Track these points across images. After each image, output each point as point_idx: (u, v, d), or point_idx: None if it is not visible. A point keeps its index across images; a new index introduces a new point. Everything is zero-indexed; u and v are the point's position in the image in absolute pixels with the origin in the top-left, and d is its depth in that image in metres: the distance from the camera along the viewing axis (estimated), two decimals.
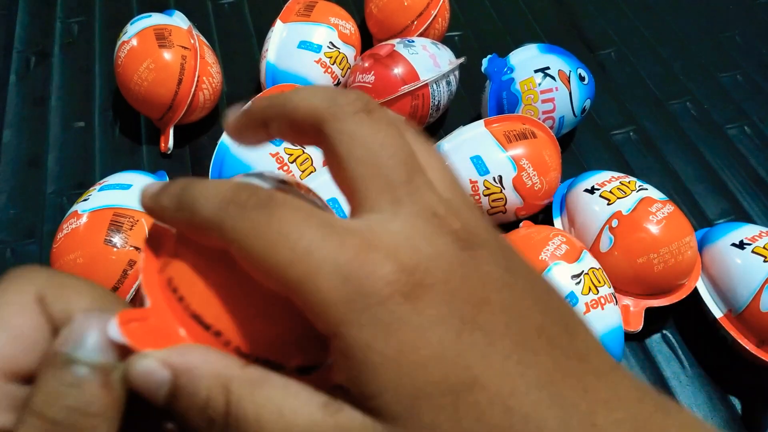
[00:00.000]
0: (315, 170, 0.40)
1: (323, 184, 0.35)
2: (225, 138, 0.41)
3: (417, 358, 0.13)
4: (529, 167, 0.39)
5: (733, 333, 0.36)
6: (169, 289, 0.15)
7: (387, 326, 0.13)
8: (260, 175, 0.17)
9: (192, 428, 0.14)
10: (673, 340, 0.39)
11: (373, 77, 0.43)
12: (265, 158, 0.39)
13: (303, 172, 0.39)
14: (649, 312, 0.37)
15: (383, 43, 0.46)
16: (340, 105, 0.15)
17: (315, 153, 0.40)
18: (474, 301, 0.13)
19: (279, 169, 0.39)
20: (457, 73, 0.47)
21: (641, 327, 0.36)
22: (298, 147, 0.39)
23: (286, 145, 0.39)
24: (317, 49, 0.45)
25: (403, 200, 0.14)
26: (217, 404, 0.13)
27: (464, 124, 0.43)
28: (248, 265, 0.14)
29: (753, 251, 0.36)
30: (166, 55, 0.42)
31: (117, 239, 0.33)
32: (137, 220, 0.34)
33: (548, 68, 0.44)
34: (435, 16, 0.49)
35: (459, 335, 0.13)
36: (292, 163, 0.39)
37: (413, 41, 0.45)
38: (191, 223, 0.15)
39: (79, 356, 0.13)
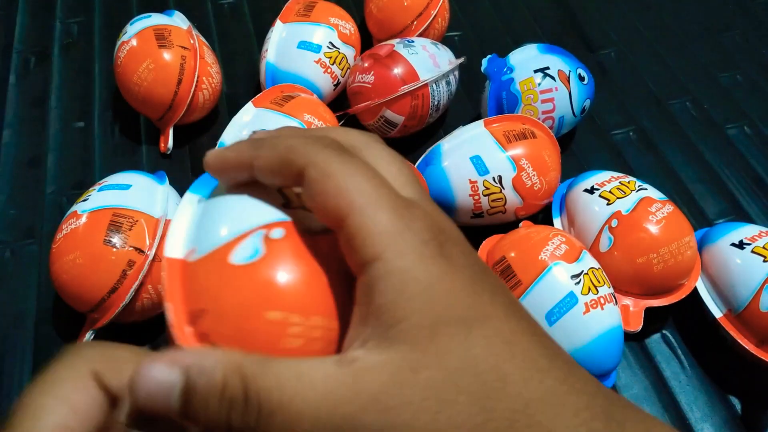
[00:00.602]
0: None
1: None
2: (225, 138, 0.41)
3: (446, 288, 0.15)
4: (528, 167, 0.39)
5: (733, 333, 0.36)
6: (208, 343, 0.17)
7: (428, 258, 0.15)
8: None
9: (215, 427, 0.15)
10: (673, 340, 0.39)
11: (373, 77, 0.43)
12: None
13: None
14: (649, 312, 0.37)
15: (383, 43, 0.46)
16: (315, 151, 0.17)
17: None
18: (483, 265, 0.17)
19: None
20: (456, 73, 0.47)
21: (641, 327, 0.36)
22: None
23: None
24: (317, 49, 0.45)
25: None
26: (235, 385, 0.14)
27: (464, 124, 0.43)
28: (319, 186, 0.16)
29: (753, 251, 0.36)
30: (166, 55, 0.42)
31: (116, 239, 0.33)
32: (136, 221, 0.34)
33: (548, 68, 0.44)
34: (435, 16, 0.49)
35: (476, 281, 0.16)
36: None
37: (413, 41, 0.45)
38: (273, 155, 0.17)
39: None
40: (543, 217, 0.44)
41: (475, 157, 0.39)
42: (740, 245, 0.37)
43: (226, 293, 0.17)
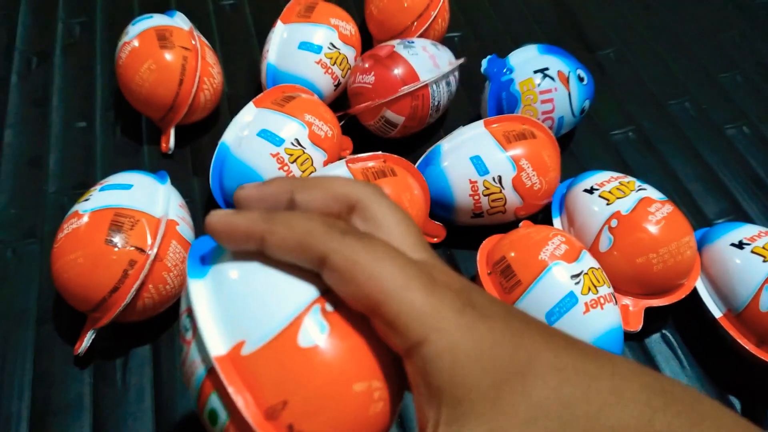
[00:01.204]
0: (315, 170, 0.40)
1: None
2: (226, 138, 0.41)
3: (491, 345, 0.16)
4: (528, 167, 0.39)
5: (733, 333, 0.36)
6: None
7: (468, 326, 0.16)
8: None
9: None
10: (673, 340, 0.39)
11: (373, 78, 0.43)
12: (266, 159, 0.39)
13: (303, 172, 0.39)
14: (649, 312, 0.37)
15: (383, 44, 0.46)
16: (328, 233, 0.18)
17: (315, 153, 0.40)
18: (498, 299, 0.18)
19: (279, 169, 0.39)
20: (456, 73, 0.47)
21: (641, 327, 0.36)
22: (299, 147, 0.39)
23: (286, 145, 0.39)
24: (318, 50, 0.45)
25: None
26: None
27: (464, 124, 0.43)
28: (347, 275, 0.17)
29: (752, 251, 0.36)
30: (168, 55, 0.43)
31: (118, 239, 0.33)
32: (138, 221, 0.34)
33: (547, 69, 0.44)
34: (435, 16, 0.49)
35: (510, 322, 0.17)
36: (292, 163, 0.39)
37: (413, 42, 0.45)
38: (290, 236, 0.18)
39: None
40: (543, 217, 0.44)
41: (475, 158, 0.39)
42: (740, 245, 0.37)
43: (308, 379, 0.17)
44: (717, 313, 0.37)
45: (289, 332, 0.17)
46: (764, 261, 0.35)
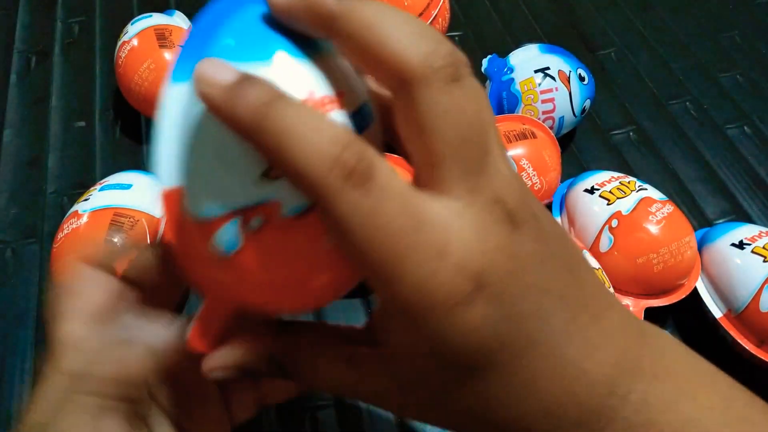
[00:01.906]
0: None
1: None
2: None
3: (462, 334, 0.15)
4: (528, 167, 0.39)
5: (733, 333, 0.36)
6: None
7: (449, 329, 0.15)
8: None
9: None
10: None
11: None
12: None
13: None
14: (649, 312, 0.37)
15: None
16: (434, 68, 0.14)
17: None
18: (515, 292, 0.15)
19: None
20: None
21: None
22: None
23: None
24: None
25: (476, 190, 0.15)
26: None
27: None
28: (338, 236, 0.15)
29: (753, 251, 0.36)
30: (167, 55, 0.42)
31: (118, 239, 0.33)
32: (138, 220, 0.34)
33: (548, 68, 0.44)
34: (435, 16, 0.49)
35: (499, 323, 0.15)
36: None
37: None
38: (274, 154, 0.14)
39: None
40: None
41: None
42: (740, 245, 0.37)
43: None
44: (717, 313, 0.37)
45: (207, 228, 0.16)
46: (765, 261, 0.35)
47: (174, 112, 0.17)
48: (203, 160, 0.16)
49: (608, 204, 0.38)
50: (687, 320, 0.40)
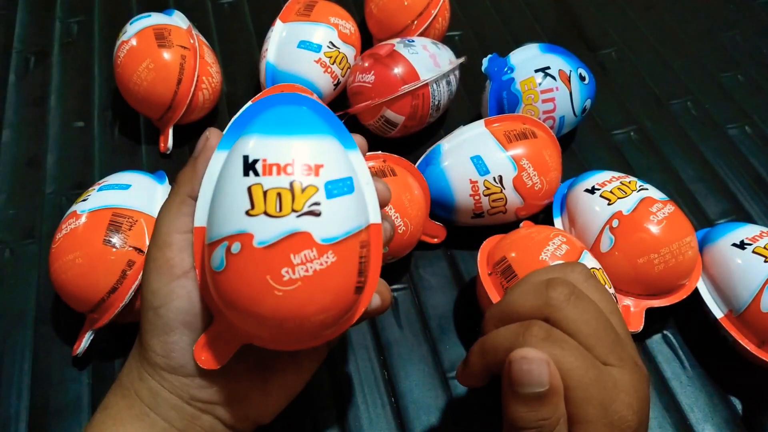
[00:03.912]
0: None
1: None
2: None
3: None
4: (529, 167, 0.39)
5: (734, 333, 0.36)
6: None
7: None
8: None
9: None
10: (674, 341, 0.39)
11: (373, 77, 0.43)
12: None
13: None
14: (650, 312, 0.37)
15: (383, 42, 0.46)
16: (554, 298, 0.23)
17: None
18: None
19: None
20: (457, 72, 0.47)
21: (642, 327, 0.36)
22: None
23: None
24: (317, 48, 0.45)
25: (623, 357, 0.23)
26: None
27: (464, 123, 0.43)
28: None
29: (753, 251, 0.36)
30: (166, 54, 0.42)
31: (116, 239, 0.33)
32: (136, 221, 0.34)
33: (549, 68, 0.43)
34: (435, 15, 0.49)
35: None
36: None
37: (413, 41, 0.45)
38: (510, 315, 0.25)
39: None
40: (544, 217, 0.44)
41: (475, 157, 0.39)
42: (741, 245, 0.37)
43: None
44: (718, 313, 0.37)
45: (209, 250, 0.22)
46: (766, 261, 0.35)
47: (211, 172, 0.24)
48: (216, 202, 0.23)
49: (609, 204, 0.38)
50: (688, 321, 0.40)
